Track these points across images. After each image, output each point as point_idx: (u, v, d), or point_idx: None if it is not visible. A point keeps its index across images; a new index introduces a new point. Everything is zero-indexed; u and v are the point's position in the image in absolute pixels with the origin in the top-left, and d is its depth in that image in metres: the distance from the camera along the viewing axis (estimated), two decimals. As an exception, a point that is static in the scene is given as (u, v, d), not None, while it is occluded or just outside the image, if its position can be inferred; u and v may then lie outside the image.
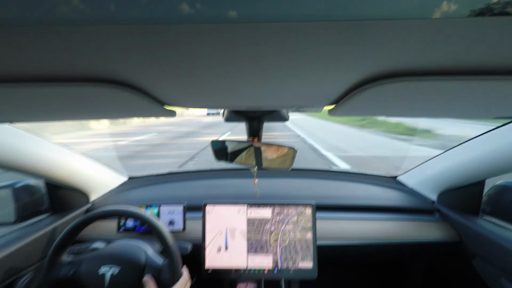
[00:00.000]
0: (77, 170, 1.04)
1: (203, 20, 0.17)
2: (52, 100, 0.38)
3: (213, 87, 0.35)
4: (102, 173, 1.22)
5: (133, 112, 0.51)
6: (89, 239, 0.99)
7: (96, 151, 6.76)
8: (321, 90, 0.38)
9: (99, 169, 1.20)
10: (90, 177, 1.13)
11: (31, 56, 0.24)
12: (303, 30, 0.19)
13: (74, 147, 1.08)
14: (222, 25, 0.18)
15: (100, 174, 1.20)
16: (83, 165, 1.08)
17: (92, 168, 1.14)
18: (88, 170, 1.11)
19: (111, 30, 0.19)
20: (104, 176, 1.24)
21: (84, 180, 1.09)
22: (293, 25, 0.19)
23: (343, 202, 1.15)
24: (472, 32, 0.20)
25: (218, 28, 0.19)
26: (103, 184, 1.23)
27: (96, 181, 1.18)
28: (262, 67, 0.27)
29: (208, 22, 0.18)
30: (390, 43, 0.22)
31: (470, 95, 0.35)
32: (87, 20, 0.17)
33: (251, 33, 0.20)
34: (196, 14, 0.17)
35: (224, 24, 0.18)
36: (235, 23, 0.18)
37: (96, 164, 1.17)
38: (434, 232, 1.02)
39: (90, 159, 1.14)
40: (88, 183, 1.11)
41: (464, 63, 0.26)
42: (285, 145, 0.70)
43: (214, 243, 0.91)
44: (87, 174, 1.11)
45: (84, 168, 1.09)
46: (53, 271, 0.73)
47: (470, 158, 0.90)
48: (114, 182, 1.32)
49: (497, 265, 0.86)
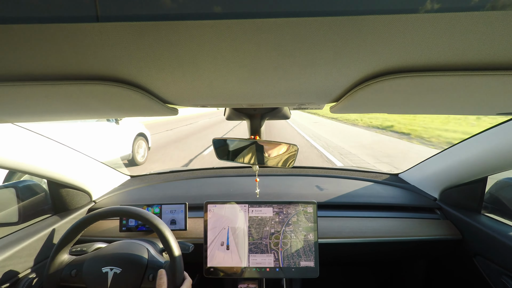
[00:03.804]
0: (79, 169, 1.04)
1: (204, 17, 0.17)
2: (55, 99, 0.39)
3: (215, 84, 0.35)
4: (104, 173, 1.23)
5: (136, 111, 0.51)
6: (91, 238, 0.99)
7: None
8: (323, 87, 0.38)
9: (101, 168, 1.20)
10: (92, 176, 1.13)
11: (35, 55, 0.24)
12: (305, 26, 0.19)
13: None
14: (224, 22, 0.18)
15: (102, 174, 1.21)
16: (86, 165, 1.08)
17: (94, 167, 1.15)
18: (90, 170, 1.12)
19: (114, 28, 0.19)
20: (106, 176, 1.24)
21: (86, 179, 1.09)
22: (294, 22, 0.19)
23: (345, 200, 1.15)
24: (475, 27, 0.20)
25: (219, 25, 0.19)
26: (105, 184, 1.24)
27: (98, 180, 1.18)
28: (263, 64, 0.27)
29: (209, 19, 0.18)
30: (392, 39, 0.22)
31: (473, 91, 0.35)
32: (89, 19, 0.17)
33: (252, 30, 0.20)
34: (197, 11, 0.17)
35: (225, 21, 0.18)
36: (236, 19, 0.18)
37: (98, 163, 1.17)
38: (436, 229, 1.02)
39: (92, 158, 1.14)
40: (90, 183, 1.12)
41: (467, 58, 0.26)
42: (286, 143, 0.70)
43: (215, 242, 0.91)
44: (89, 173, 1.11)
45: (86, 168, 1.09)
46: (56, 271, 0.73)
47: (472, 155, 0.90)
48: (116, 181, 1.33)
49: (499, 263, 0.86)
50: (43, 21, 0.17)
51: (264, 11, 0.17)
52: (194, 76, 0.31)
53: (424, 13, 0.17)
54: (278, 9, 0.17)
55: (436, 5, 0.16)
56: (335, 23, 0.19)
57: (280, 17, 0.18)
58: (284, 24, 0.19)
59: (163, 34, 0.20)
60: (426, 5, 0.16)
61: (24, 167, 0.82)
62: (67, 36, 0.21)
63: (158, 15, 0.17)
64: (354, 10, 0.17)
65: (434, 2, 0.16)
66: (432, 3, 0.16)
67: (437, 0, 0.16)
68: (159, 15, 0.17)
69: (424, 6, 0.17)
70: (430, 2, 0.16)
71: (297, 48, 0.23)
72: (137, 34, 0.21)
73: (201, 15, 0.17)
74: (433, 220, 1.07)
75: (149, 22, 0.18)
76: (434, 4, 0.16)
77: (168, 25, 0.19)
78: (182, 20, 0.18)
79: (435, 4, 0.16)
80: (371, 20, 0.19)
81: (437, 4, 0.16)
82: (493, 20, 0.18)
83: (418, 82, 0.31)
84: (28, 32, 0.20)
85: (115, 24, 0.19)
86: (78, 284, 0.72)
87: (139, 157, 4.76)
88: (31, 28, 0.19)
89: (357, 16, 0.18)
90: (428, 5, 0.16)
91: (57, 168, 0.93)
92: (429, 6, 0.17)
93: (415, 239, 0.98)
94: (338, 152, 6.00)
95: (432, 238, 0.99)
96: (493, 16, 0.18)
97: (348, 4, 0.17)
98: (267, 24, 0.19)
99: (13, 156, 0.77)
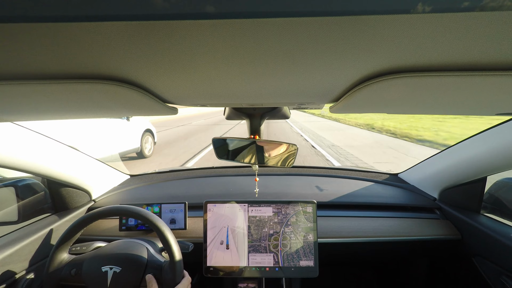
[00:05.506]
0: (79, 168, 1.04)
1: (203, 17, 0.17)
2: (54, 98, 0.39)
3: (214, 84, 0.35)
4: (103, 172, 1.23)
5: (135, 110, 0.51)
6: (91, 237, 0.99)
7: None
8: (322, 87, 0.37)
9: (101, 167, 1.20)
10: (92, 175, 1.13)
11: (34, 54, 0.24)
12: (304, 26, 0.19)
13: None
14: (223, 21, 0.18)
15: (101, 173, 1.21)
16: (85, 164, 1.08)
17: (94, 166, 1.15)
18: (90, 169, 1.12)
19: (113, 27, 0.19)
20: (105, 175, 1.24)
21: (86, 178, 1.09)
22: (293, 21, 0.19)
23: (344, 200, 1.15)
24: (475, 28, 0.20)
25: (219, 24, 0.19)
26: (104, 183, 1.24)
27: (98, 179, 1.18)
28: (263, 63, 0.27)
29: (208, 19, 0.18)
30: (392, 39, 0.22)
31: (472, 91, 0.35)
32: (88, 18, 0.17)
33: (251, 29, 0.20)
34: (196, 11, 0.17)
35: (224, 21, 0.18)
36: (236, 19, 0.18)
37: (97, 162, 1.17)
38: (435, 229, 1.02)
39: (91, 157, 1.14)
40: (90, 182, 1.12)
41: (466, 58, 0.26)
42: (286, 142, 0.70)
43: (215, 241, 0.91)
44: (89, 172, 1.11)
45: (86, 167, 1.09)
46: (55, 270, 0.73)
47: (471, 155, 0.90)
48: (116, 181, 1.33)
49: (498, 263, 0.86)
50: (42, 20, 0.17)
51: (263, 11, 0.17)
52: (194, 75, 0.31)
53: (424, 13, 0.17)
54: (277, 9, 0.17)
55: (436, 6, 0.16)
56: (335, 23, 0.19)
57: (279, 17, 0.18)
58: (283, 23, 0.19)
59: (163, 33, 0.20)
60: (426, 5, 0.16)
61: (23, 166, 0.82)
62: (66, 34, 0.21)
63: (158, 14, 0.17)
64: (354, 10, 0.17)
65: (434, 2, 0.16)
66: (432, 4, 0.16)
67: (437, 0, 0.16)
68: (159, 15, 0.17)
69: (424, 6, 0.17)
70: (430, 2, 0.16)
71: (296, 47, 0.23)
72: (136, 33, 0.21)
73: (200, 14, 0.17)
74: (433, 220, 1.07)
75: (148, 22, 0.18)
76: (434, 4, 0.16)
77: (168, 24, 0.19)
78: (181, 20, 0.18)
79: (435, 4, 0.16)
80: (371, 20, 0.18)
81: (437, 4, 0.16)
82: (493, 20, 0.18)
83: (417, 82, 0.31)
84: (26, 31, 0.20)
85: (114, 23, 0.19)
86: (78, 283, 0.72)
87: (146, 150, 5.30)
88: (29, 27, 0.19)
89: (357, 16, 0.18)
90: (428, 6, 0.16)
91: (56, 167, 0.93)
92: (429, 7, 0.16)
93: (414, 239, 0.99)
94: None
95: (431, 238, 0.99)
96: (493, 16, 0.18)
97: (348, 4, 0.17)
98: (266, 24, 0.19)
99: (13, 155, 0.77)
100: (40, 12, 0.17)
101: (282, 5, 0.17)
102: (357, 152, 6.00)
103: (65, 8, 0.16)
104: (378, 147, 6.70)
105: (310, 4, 0.17)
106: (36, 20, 0.17)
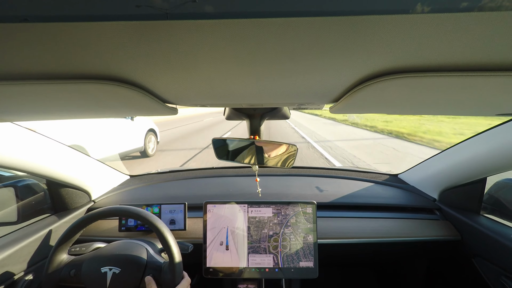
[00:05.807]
0: (79, 169, 1.04)
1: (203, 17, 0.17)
2: (54, 98, 0.39)
3: (214, 84, 0.35)
4: (103, 172, 1.22)
5: (135, 110, 0.51)
6: (90, 238, 0.99)
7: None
8: (322, 87, 0.37)
9: (101, 168, 1.20)
10: (92, 176, 1.13)
11: (34, 54, 0.24)
12: (304, 26, 0.19)
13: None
14: (222, 21, 0.18)
15: (101, 173, 1.21)
16: (85, 164, 1.08)
17: (94, 167, 1.15)
18: (90, 169, 1.12)
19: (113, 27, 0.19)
20: (105, 175, 1.24)
21: (85, 179, 1.09)
22: (293, 21, 0.19)
23: (344, 201, 1.15)
24: (475, 28, 0.20)
25: (218, 24, 0.19)
26: (104, 183, 1.24)
27: (98, 180, 1.18)
28: (263, 63, 0.27)
29: (209, 18, 0.18)
30: (392, 39, 0.22)
31: (472, 91, 0.35)
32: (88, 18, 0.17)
33: (251, 29, 0.20)
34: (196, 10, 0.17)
35: (224, 21, 0.18)
36: (235, 19, 0.18)
37: (97, 162, 1.17)
38: (435, 230, 1.02)
39: (91, 157, 1.14)
40: (89, 182, 1.12)
41: (466, 59, 0.26)
42: (286, 143, 0.70)
43: (215, 242, 0.91)
44: (89, 173, 1.11)
45: (86, 167, 1.09)
46: (55, 271, 0.73)
47: (471, 156, 0.90)
48: (116, 181, 1.33)
49: (498, 264, 0.86)
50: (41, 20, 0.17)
51: (263, 11, 0.17)
52: (194, 75, 0.31)
53: (423, 14, 0.17)
54: (277, 9, 0.17)
55: (435, 6, 0.16)
56: (335, 23, 0.19)
57: (279, 16, 0.18)
58: (283, 23, 0.19)
59: (163, 33, 0.20)
60: (425, 6, 0.16)
61: (23, 166, 0.82)
62: (66, 34, 0.21)
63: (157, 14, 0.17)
64: (354, 10, 0.17)
65: (434, 2, 0.16)
66: (431, 4, 0.16)
67: (437, 0, 0.16)
68: (158, 15, 0.17)
69: (423, 7, 0.17)
70: (430, 2, 0.16)
71: (296, 48, 0.23)
72: (136, 33, 0.21)
73: (200, 14, 0.17)
74: (433, 220, 1.07)
75: (148, 22, 0.18)
76: (433, 4, 0.16)
77: (168, 24, 0.19)
78: (181, 20, 0.18)
79: (434, 4, 0.16)
80: (371, 20, 0.19)
81: (436, 4, 0.16)
82: (492, 20, 0.18)
83: (417, 82, 0.31)
84: (26, 31, 0.20)
85: (114, 23, 0.19)
86: (77, 284, 0.72)
87: (149, 150, 5.41)
88: (29, 27, 0.19)
89: (357, 16, 0.18)
90: (427, 6, 0.16)
91: (56, 168, 0.93)
92: (428, 7, 0.17)
93: (414, 239, 0.98)
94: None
95: (431, 238, 0.99)
96: (493, 17, 0.18)
97: (348, 4, 0.17)
98: (266, 24, 0.19)
99: (12, 155, 0.77)
100: (40, 12, 0.17)
101: (282, 5, 0.17)
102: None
103: (65, 8, 0.16)
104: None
105: (310, 4, 0.17)
106: (36, 20, 0.17)
